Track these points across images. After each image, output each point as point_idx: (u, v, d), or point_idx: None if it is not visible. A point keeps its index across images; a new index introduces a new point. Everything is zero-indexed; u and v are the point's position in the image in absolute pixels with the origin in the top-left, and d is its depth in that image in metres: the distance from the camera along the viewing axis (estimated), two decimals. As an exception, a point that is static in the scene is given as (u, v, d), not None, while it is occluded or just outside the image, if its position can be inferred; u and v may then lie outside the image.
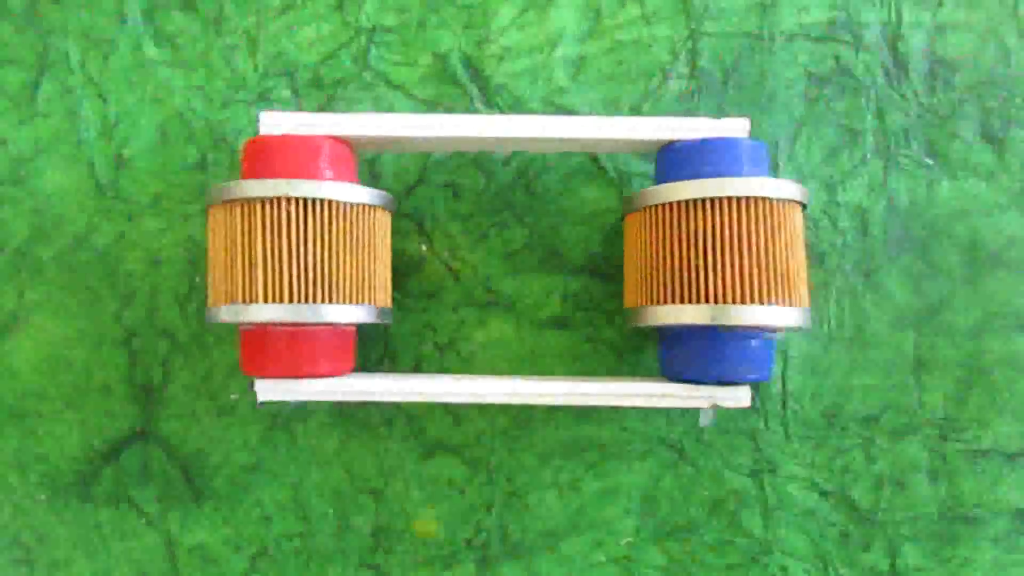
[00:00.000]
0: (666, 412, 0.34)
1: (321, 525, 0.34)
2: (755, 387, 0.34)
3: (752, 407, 0.34)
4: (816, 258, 0.34)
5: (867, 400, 0.34)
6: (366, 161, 0.35)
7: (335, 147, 0.31)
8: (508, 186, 0.35)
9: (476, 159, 0.35)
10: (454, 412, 0.34)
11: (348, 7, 0.36)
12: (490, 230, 0.35)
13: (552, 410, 0.34)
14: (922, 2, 0.35)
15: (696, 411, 0.34)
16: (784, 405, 0.34)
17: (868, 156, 0.35)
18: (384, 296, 0.31)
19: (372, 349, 0.34)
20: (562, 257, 0.35)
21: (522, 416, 0.34)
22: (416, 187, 0.35)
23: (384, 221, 0.32)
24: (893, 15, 0.35)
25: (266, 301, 0.29)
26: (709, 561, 0.34)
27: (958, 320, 0.34)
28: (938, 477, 0.34)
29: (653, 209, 0.30)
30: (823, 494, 0.34)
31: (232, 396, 0.32)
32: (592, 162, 0.35)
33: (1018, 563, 0.34)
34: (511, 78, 0.35)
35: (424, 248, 0.35)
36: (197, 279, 0.34)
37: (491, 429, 0.34)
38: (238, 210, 0.29)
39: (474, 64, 0.35)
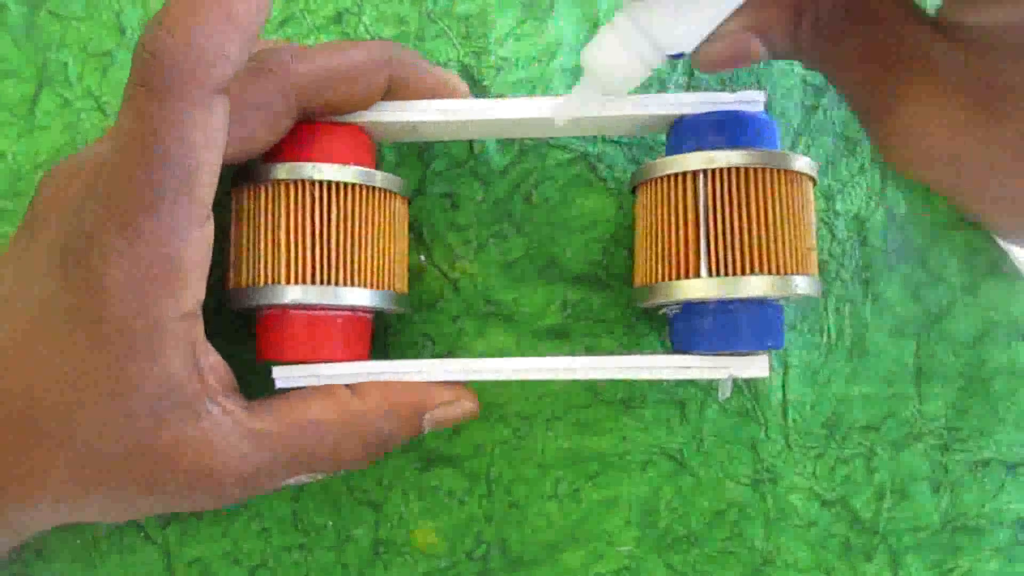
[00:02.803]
0: (667, 421, 0.34)
1: (320, 538, 0.34)
2: (754, 395, 0.34)
3: (752, 417, 0.34)
4: (815, 267, 0.34)
5: (868, 409, 0.34)
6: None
7: (356, 134, 0.31)
8: (506, 196, 0.35)
9: (474, 169, 0.35)
10: (453, 423, 0.34)
11: (347, 19, 0.36)
12: (489, 240, 0.35)
13: (552, 420, 0.34)
14: (919, 12, 0.35)
15: (697, 420, 0.34)
16: (785, 415, 0.34)
17: (866, 165, 0.35)
18: (402, 284, 0.32)
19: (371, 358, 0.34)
20: (561, 267, 0.35)
21: (521, 427, 0.34)
22: (414, 198, 0.35)
23: (403, 209, 0.32)
24: None
25: (288, 283, 0.29)
26: (711, 572, 0.34)
27: (958, 329, 0.34)
28: (940, 487, 0.34)
29: (661, 181, 0.30)
30: (825, 504, 0.34)
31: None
32: (591, 171, 0.35)
33: (1021, 573, 0.34)
34: (510, 88, 0.35)
35: (423, 259, 0.35)
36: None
37: (490, 440, 0.34)
38: (263, 192, 0.30)
39: (473, 74, 0.35)
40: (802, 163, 0.30)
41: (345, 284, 0.30)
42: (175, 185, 0.26)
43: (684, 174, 0.30)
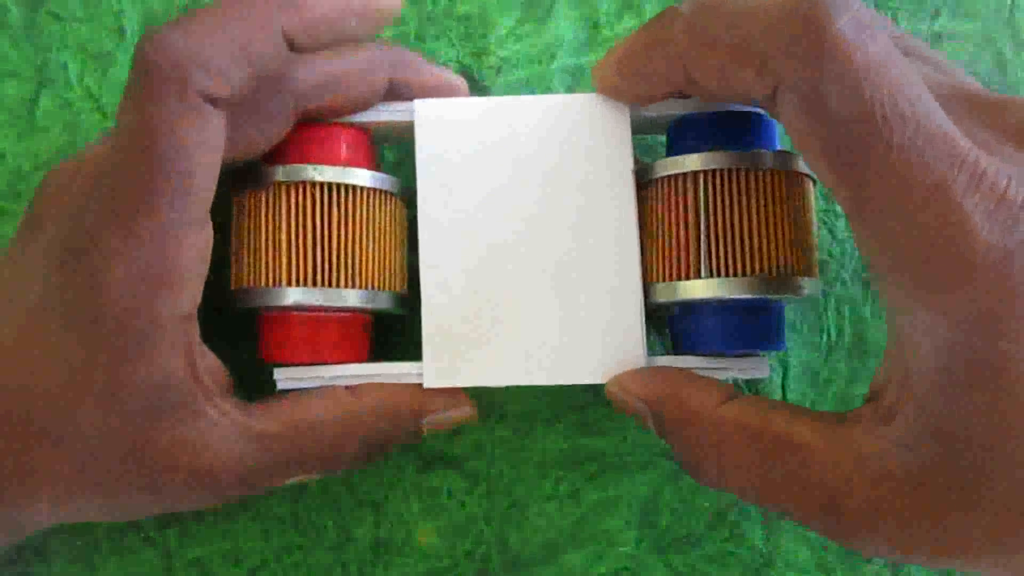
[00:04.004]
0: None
1: (320, 538, 0.34)
2: (755, 389, 0.34)
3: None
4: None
5: (868, 410, 0.34)
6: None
7: (356, 135, 0.31)
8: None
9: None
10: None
11: (346, 20, 0.36)
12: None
13: (552, 420, 0.34)
14: (919, 12, 0.35)
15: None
16: (785, 415, 0.34)
17: (866, 165, 0.35)
18: (403, 285, 0.32)
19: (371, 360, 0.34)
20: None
21: (521, 427, 0.34)
22: (415, 197, 0.35)
23: (403, 210, 0.32)
24: (890, 25, 0.35)
25: (290, 285, 0.29)
26: (711, 573, 0.34)
27: (958, 329, 0.34)
28: (940, 487, 0.34)
29: (661, 181, 0.30)
30: (825, 504, 0.34)
31: None
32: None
33: (1021, 573, 0.34)
34: (510, 89, 0.35)
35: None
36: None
37: (490, 440, 0.34)
38: (263, 194, 0.30)
39: (472, 75, 0.35)
40: (802, 163, 0.30)
41: (346, 286, 0.30)
42: (170, 187, 0.26)
43: (684, 175, 0.30)
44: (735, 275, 0.29)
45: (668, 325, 0.33)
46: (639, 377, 0.29)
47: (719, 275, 0.29)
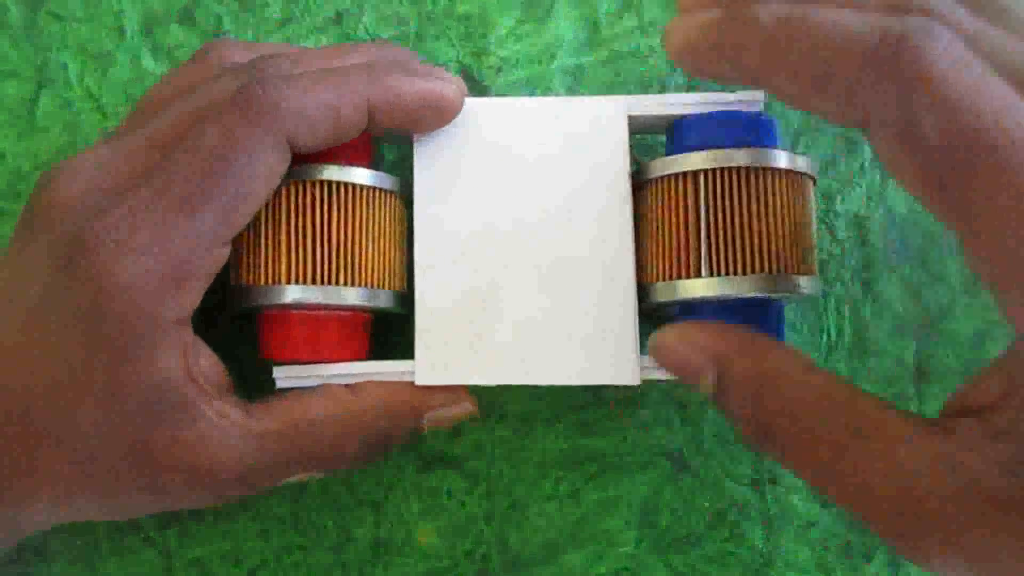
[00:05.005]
0: (667, 422, 0.34)
1: (320, 538, 0.34)
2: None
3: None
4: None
5: (868, 409, 0.34)
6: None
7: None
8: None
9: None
10: (454, 423, 0.34)
11: (347, 20, 0.36)
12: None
13: (552, 420, 0.34)
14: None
15: (697, 420, 0.34)
16: (785, 415, 0.34)
17: (866, 165, 0.35)
18: (402, 284, 0.32)
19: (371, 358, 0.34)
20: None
21: (521, 427, 0.34)
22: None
23: (402, 209, 0.32)
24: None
25: (289, 283, 0.29)
26: (711, 573, 0.34)
27: (958, 329, 0.34)
28: (940, 487, 0.34)
29: (661, 181, 0.30)
30: (825, 505, 0.34)
31: None
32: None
33: (1022, 574, 0.34)
34: (510, 89, 0.35)
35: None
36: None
37: (490, 440, 0.34)
38: None
39: (473, 75, 0.35)
40: (802, 163, 0.30)
41: (345, 284, 0.30)
42: (224, 199, 0.27)
43: (684, 174, 0.30)
44: (735, 274, 0.29)
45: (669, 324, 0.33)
46: (706, 328, 0.28)
47: (719, 274, 0.29)
